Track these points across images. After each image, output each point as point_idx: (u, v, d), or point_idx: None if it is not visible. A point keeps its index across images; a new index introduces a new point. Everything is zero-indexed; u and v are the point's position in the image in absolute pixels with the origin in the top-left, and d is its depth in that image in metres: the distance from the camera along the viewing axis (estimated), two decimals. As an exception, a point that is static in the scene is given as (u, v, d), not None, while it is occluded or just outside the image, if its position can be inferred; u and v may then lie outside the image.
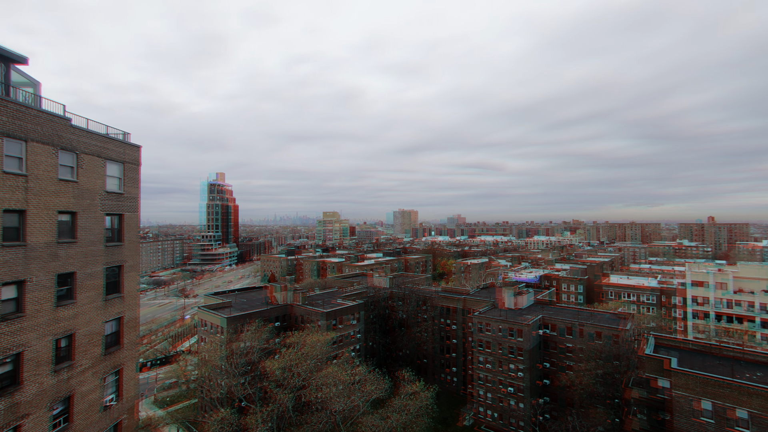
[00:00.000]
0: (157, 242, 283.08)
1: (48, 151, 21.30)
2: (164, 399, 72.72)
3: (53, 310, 21.89)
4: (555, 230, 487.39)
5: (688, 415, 40.04)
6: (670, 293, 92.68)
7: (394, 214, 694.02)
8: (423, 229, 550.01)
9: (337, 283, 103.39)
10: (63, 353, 22.81)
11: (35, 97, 22.99)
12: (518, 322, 61.88)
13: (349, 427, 48.35)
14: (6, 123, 19.02)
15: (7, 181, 19.16)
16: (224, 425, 46.61)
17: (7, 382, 19.59)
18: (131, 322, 28.40)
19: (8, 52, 21.27)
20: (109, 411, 26.18)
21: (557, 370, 62.54)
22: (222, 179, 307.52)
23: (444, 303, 79.30)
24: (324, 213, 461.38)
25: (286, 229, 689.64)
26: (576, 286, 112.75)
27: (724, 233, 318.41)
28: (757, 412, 36.73)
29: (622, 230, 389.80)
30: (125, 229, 27.43)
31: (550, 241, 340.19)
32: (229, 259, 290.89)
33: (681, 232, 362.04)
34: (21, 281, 20.05)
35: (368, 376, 51.32)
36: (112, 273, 26.63)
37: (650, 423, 45.17)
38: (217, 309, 68.60)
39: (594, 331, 59.78)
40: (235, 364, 53.02)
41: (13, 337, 19.54)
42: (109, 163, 25.90)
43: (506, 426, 62.20)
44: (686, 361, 46.35)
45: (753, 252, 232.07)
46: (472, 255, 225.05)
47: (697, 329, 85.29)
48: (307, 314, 67.75)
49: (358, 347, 72.08)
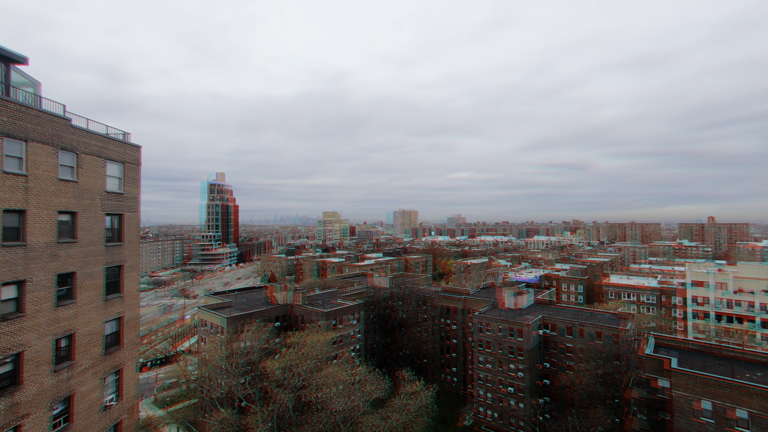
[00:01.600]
0: (157, 242, 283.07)
1: (48, 151, 21.30)
2: (164, 399, 72.70)
3: (53, 310, 21.89)
4: (555, 230, 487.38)
5: (688, 415, 40.04)
6: (670, 293, 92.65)
7: (394, 214, 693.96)
8: (423, 229, 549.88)
9: (337, 283, 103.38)
10: (63, 353, 22.80)
11: (35, 97, 22.98)
12: (518, 322, 61.88)
13: (349, 427, 48.37)
14: (6, 123, 19.02)
15: (7, 181, 19.16)
16: (225, 425, 46.64)
17: (7, 382, 19.58)
18: (131, 322, 28.40)
19: (8, 52, 21.27)
20: (109, 411, 26.19)
21: (557, 370, 62.54)
22: (222, 179, 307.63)
23: (444, 303, 79.29)
24: (324, 213, 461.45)
25: (286, 229, 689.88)
26: (576, 286, 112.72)
27: (724, 233, 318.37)
28: (757, 412, 36.74)
29: (622, 230, 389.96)
30: (125, 229, 27.43)
31: (550, 241, 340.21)
32: (229, 259, 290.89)
33: (681, 232, 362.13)
34: (21, 281, 20.04)
35: (368, 376, 51.36)
36: (112, 273, 26.63)
37: (650, 423, 45.16)
38: (217, 309, 68.61)
39: (594, 331, 59.78)
40: (235, 364, 53.01)
41: (13, 337, 19.54)
42: (109, 163, 25.91)
43: (506, 426, 62.20)
44: (686, 361, 46.35)
45: (753, 252, 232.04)
46: (472, 255, 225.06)
47: (697, 329, 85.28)
48: (308, 314, 67.75)
49: (358, 347, 72.10)
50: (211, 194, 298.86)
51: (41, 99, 23.10)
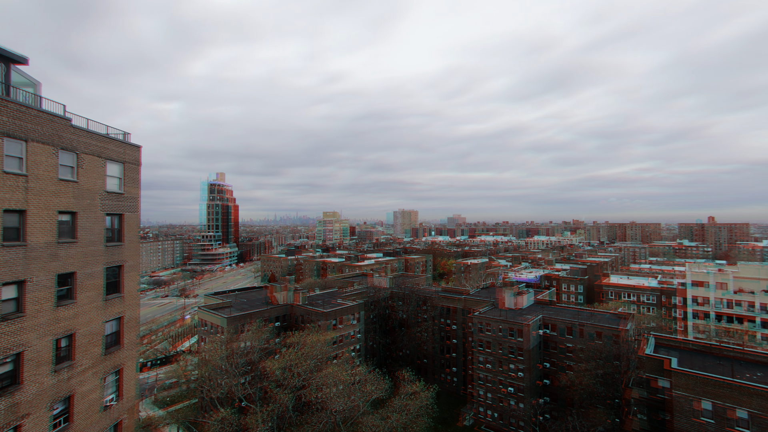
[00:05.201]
0: (157, 242, 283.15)
1: (48, 151, 21.30)
2: (164, 399, 72.71)
3: (53, 310, 21.89)
4: (555, 230, 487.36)
5: (689, 415, 40.04)
6: (670, 293, 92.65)
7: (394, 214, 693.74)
8: (423, 229, 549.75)
9: (338, 283, 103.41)
10: (63, 353, 22.80)
11: (35, 98, 22.98)
12: (518, 322, 61.87)
13: (349, 427, 48.41)
14: (6, 123, 19.03)
15: (7, 181, 19.16)
16: (225, 425, 46.62)
17: (7, 381, 19.58)
18: (131, 322, 28.40)
19: (8, 52, 21.27)
20: (109, 411, 26.19)
21: (557, 370, 62.54)
22: (222, 179, 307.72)
23: (444, 303, 79.29)
24: (324, 213, 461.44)
25: (286, 229, 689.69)
26: (576, 286, 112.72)
27: (724, 233, 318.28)
28: (757, 412, 36.74)
29: (622, 230, 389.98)
30: (125, 229, 27.43)
31: (550, 241, 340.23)
32: (230, 259, 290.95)
33: (681, 232, 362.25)
34: (21, 281, 20.04)
35: (368, 376, 51.39)
36: (113, 273, 26.63)
37: (650, 423, 45.17)
38: (217, 309, 68.64)
39: (594, 331, 59.78)
40: (235, 364, 53.01)
41: (13, 337, 19.54)
42: (110, 163, 25.91)
43: (506, 426, 62.19)
44: (686, 361, 46.35)
45: (753, 252, 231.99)
46: (473, 255, 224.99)
47: (698, 329, 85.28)
48: (308, 314, 67.76)
49: (358, 347, 72.12)
50: (211, 194, 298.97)
51: (41, 99, 23.10)
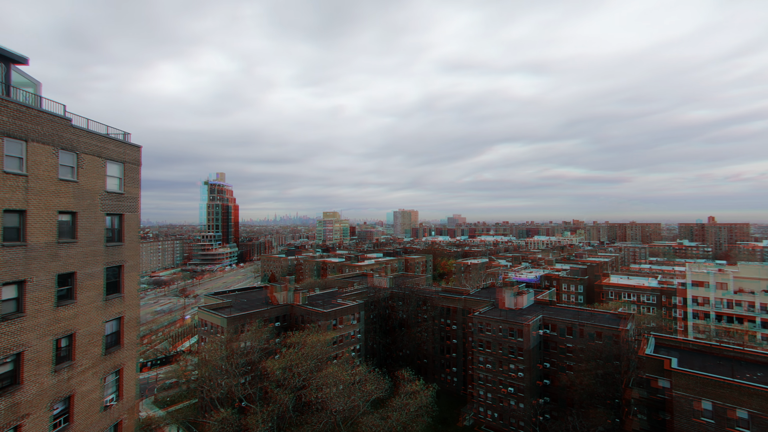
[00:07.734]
0: (158, 242, 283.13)
1: (48, 151, 21.31)
2: (164, 399, 72.70)
3: (53, 310, 21.89)
4: (555, 230, 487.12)
5: (689, 416, 40.04)
6: (670, 293, 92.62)
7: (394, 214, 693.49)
8: (423, 229, 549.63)
9: (338, 283, 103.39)
10: (63, 353, 22.81)
11: (36, 98, 22.99)
12: (518, 322, 61.86)
13: (349, 426, 48.44)
14: (6, 123, 19.04)
15: (7, 181, 19.17)
16: (225, 425, 46.64)
17: (7, 381, 19.59)
18: (131, 322, 28.40)
19: (8, 52, 21.28)
20: (109, 411, 26.19)
21: (557, 370, 62.52)
22: (222, 179, 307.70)
23: (444, 303, 79.28)
24: (324, 213, 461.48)
25: (287, 229, 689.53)
26: (576, 286, 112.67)
27: (724, 233, 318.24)
28: (757, 412, 36.74)
29: (622, 230, 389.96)
30: (125, 229, 27.44)
31: (550, 241, 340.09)
32: (230, 259, 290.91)
33: (681, 232, 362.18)
34: (21, 281, 20.05)
35: (368, 376, 51.41)
36: (113, 273, 26.63)
37: (650, 423, 45.16)
38: (217, 309, 68.64)
39: (594, 331, 59.76)
40: (235, 364, 53.03)
41: (13, 337, 19.55)
42: (110, 163, 25.91)
43: (506, 426, 62.18)
44: (686, 361, 46.35)
45: (753, 252, 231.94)
46: (473, 255, 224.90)
47: (698, 329, 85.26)
48: (308, 314, 67.76)
49: (358, 347, 72.13)
50: (211, 194, 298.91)
51: (41, 99, 23.11)
